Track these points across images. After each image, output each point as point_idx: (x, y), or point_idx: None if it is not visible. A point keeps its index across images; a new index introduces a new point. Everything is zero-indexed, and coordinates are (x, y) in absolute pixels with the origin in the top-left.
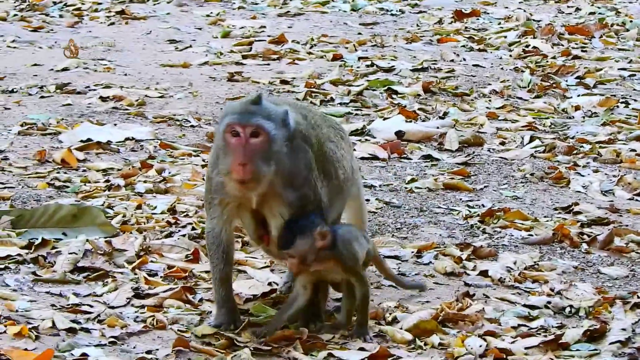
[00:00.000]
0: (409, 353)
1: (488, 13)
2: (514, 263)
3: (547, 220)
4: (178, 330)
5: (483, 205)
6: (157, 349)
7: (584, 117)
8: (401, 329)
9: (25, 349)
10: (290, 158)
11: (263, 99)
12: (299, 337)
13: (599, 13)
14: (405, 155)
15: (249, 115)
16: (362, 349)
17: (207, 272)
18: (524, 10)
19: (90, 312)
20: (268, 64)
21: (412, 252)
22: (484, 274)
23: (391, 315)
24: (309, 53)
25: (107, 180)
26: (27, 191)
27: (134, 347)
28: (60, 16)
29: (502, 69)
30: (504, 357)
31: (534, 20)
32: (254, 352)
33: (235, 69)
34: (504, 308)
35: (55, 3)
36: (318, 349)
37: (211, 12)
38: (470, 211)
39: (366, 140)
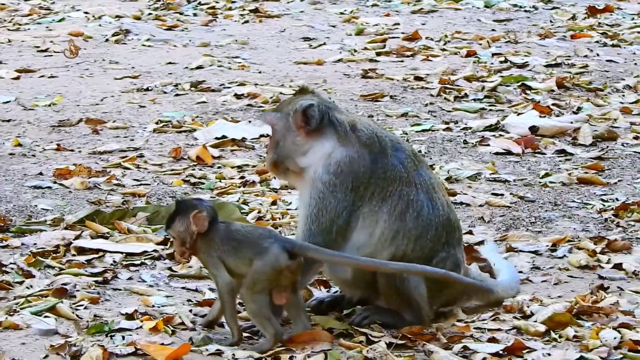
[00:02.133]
0: (544, 345)
1: (621, 9)
2: None
3: None
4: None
5: (617, 199)
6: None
7: None
8: (535, 321)
9: (162, 344)
10: (313, 144)
11: (303, 94)
12: (432, 332)
13: None
14: (539, 150)
15: (268, 112)
16: (496, 340)
17: None
18: None
19: None
20: (402, 61)
21: (547, 245)
22: (618, 267)
23: (528, 308)
24: (443, 49)
25: (242, 177)
26: (162, 188)
27: None
28: (195, 15)
29: (635, 64)
30: (639, 349)
31: None
32: (389, 344)
33: (369, 66)
34: (638, 300)
35: (189, 2)
36: (453, 342)
37: (345, 10)
38: (604, 205)
39: (500, 135)
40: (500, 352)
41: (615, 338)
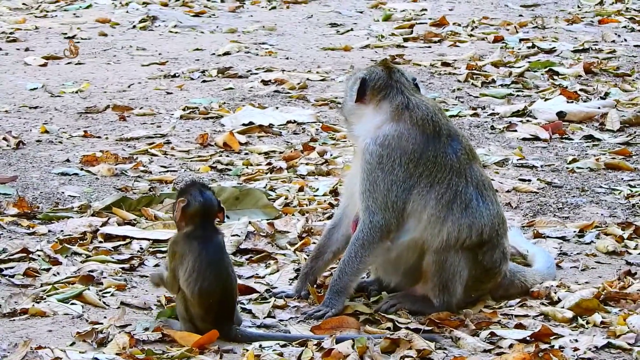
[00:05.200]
0: (571, 331)
1: None
2: None
3: None
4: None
5: None
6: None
7: None
8: (563, 308)
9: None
10: (365, 115)
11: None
12: (460, 318)
13: None
14: (566, 136)
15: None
16: (523, 327)
17: None
18: None
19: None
20: (429, 47)
21: (574, 231)
22: None
23: (555, 294)
24: (470, 35)
25: (269, 163)
26: (189, 174)
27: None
28: (222, 1)
29: None
30: None
31: None
32: (414, 330)
33: (396, 51)
34: None
35: None
36: (481, 328)
37: None
38: (632, 190)
39: (527, 121)
40: (527, 338)
41: None
